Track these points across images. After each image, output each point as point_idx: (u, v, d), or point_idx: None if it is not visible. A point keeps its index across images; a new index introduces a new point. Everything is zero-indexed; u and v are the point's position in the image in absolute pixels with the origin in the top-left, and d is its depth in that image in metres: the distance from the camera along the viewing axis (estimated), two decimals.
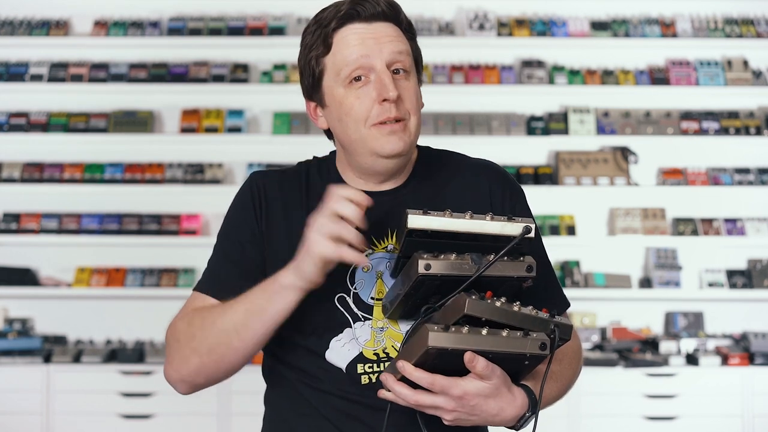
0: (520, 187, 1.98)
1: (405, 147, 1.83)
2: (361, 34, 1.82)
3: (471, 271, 1.67)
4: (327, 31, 1.83)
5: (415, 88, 1.87)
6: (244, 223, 1.88)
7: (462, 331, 1.61)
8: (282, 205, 1.88)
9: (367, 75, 1.82)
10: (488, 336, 1.62)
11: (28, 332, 5.10)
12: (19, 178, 5.21)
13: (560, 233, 5.21)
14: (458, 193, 1.91)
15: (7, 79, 5.25)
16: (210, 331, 1.76)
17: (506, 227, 1.68)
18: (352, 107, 1.82)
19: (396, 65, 1.84)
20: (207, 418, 4.78)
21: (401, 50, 1.85)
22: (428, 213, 1.66)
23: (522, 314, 1.65)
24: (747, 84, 5.27)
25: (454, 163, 1.98)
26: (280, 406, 1.90)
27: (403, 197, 1.89)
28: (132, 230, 5.18)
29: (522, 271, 1.69)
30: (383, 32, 1.84)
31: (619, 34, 5.31)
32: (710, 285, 5.22)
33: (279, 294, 1.71)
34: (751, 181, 5.23)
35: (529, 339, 1.63)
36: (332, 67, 1.83)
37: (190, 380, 1.82)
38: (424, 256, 1.66)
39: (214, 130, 5.24)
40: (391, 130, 1.81)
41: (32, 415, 4.81)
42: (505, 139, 5.25)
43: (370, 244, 1.85)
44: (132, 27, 5.31)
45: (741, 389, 4.82)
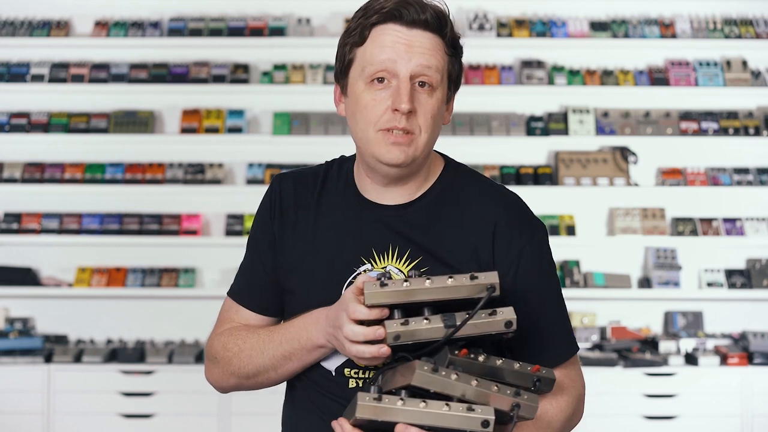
0: (535, 227, 1.89)
1: (405, 160, 1.81)
2: (396, 36, 1.80)
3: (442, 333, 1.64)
4: (367, 23, 1.81)
5: (435, 106, 1.82)
6: (264, 229, 1.94)
7: (396, 403, 1.60)
8: (295, 208, 1.92)
9: (389, 79, 1.80)
10: (425, 410, 1.60)
11: (29, 332, 5.10)
12: (20, 178, 5.21)
13: (560, 233, 5.22)
14: (464, 224, 1.86)
15: (8, 80, 5.26)
16: (248, 362, 1.87)
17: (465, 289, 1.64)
18: (366, 106, 1.81)
19: (421, 78, 1.80)
20: (207, 418, 4.79)
21: (431, 64, 1.80)
22: (385, 285, 1.64)
23: (477, 391, 1.62)
24: (746, 84, 5.27)
25: (473, 188, 1.91)
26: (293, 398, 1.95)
27: (412, 216, 1.87)
28: (133, 230, 5.19)
29: (500, 327, 1.65)
30: (419, 41, 1.80)
31: (618, 35, 5.31)
32: (709, 285, 5.23)
33: (315, 350, 1.81)
34: (750, 181, 5.24)
35: (470, 416, 1.60)
36: (360, 60, 1.82)
37: (230, 390, 1.97)
38: (394, 325, 1.64)
39: (215, 131, 5.25)
40: (396, 141, 1.80)
41: (33, 414, 4.81)
42: (505, 139, 5.26)
43: (371, 260, 1.85)
44: (132, 27, 5.32)
45: (740, 389, 4.83)
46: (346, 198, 1.91)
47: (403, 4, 1.79)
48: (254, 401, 4.70)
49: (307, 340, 1.80)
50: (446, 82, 1.85)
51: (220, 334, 1.93)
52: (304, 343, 1.81)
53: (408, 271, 1.83)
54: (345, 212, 1.89)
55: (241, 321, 1.94)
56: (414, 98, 1.79)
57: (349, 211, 1.89)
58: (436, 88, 1.82)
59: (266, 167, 5.23)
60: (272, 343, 1.84)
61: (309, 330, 1.79)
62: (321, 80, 5.23)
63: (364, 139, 1.83)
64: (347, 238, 1.87)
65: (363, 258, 1.85)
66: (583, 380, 1.94)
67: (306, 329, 1.80)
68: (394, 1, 1.80)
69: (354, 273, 1.84)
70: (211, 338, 1.95)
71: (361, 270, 1.84)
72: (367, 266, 1.84)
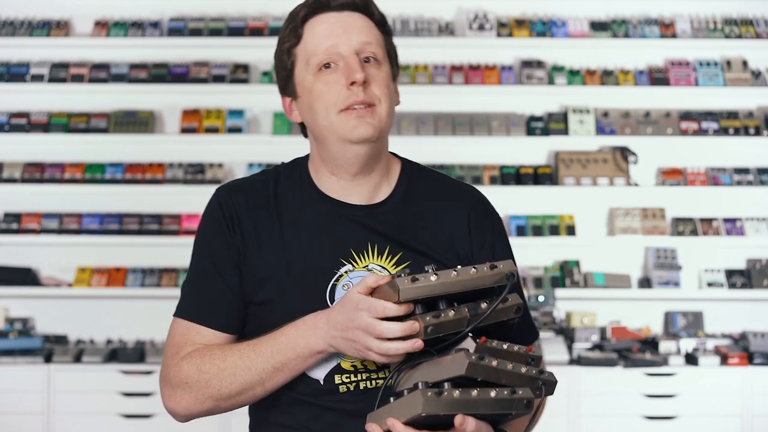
0: (498, 217, 1.98)
1: (373, 132, 1.81)
2: (330, 23, 1.83)
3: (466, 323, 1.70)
4: (297, 22, 1.84)
5: (386, 77, 1.85)
6: (225, 243, 1.85)
7: (454, 395, 1.64)
8: (253, 222, 1.85)
9: (336, 62, 1.82)
10: (478, 399, 1.65)
11: (28, 332, 5.10)
12: (19, 178, 5.21)
13: (560, 233, 5.22)
14: (437, 219, 1.89)
15: (8, 80, 5.26)
16: (229, 381, 1.79)
17: (490, 278, 1.71)
18: (321, 93, 1.81)
19: (365, 54, 1.83)
20: (207, 417, 4.77)
21: (371, 40, 1.84)
22: (416, 279, 1.66)
23: (514, 373, 1.68)
24: (746, 84, 5.27)
25: (436, 184, 1.94)
26: (265, 420, 1.91)
27: (384, 215, 1.87)
28: (132, 230, 5.19)
29: (511, 314, 1.73)
30: (352, 22, 1.84)
31: (618, 35, 5.31)
32: (710, 285, 5.23)
33: (312, 357, 1.77)
34: (750, 181, 5.24)
35: (515, 398, 1.67)
36: (303, 57, 1.84)
37: (198, 416, 1.88)
38: (427, 318, 1.67)
39: (215, 131, 5.25)
40: (359, 115, 1.80)
41: (33, 414, 4.81)
42: (505, 139, 5.26)
43: (350, 260, 1.83)
44: (132, 27, 5.32)
45: (740, 389, 4.82)
46: (309, 200, 1.87)
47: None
48: None
49: (304, 348, 1.75)
50: (387, 59, 1.87)
51: (186, 357, 1.81)
52: (300, 352, 1.75)
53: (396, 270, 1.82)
54: (312, 214, 1.86)
55: (203, 342, 1.83)
56: (366, 74, 1.81)
57: (316, 213, 1.86)
58: (381, 63, 1.85)
59: (266, 167, 5.22)
60: (260, 356, 1.77)
61: (306, 337, 1.74)
62: None
63: (327, 126, 1.82)
64: (321, 240, 1.84)
65: (342, 259, 1.83)
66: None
67: (302, 336, 1.75)
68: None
69: (335, 276, 1.82)
70: (175, 364, 1.82)
71: (343, 271, 1.82)
72: (348, 267, 1.82)
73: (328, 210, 1.86)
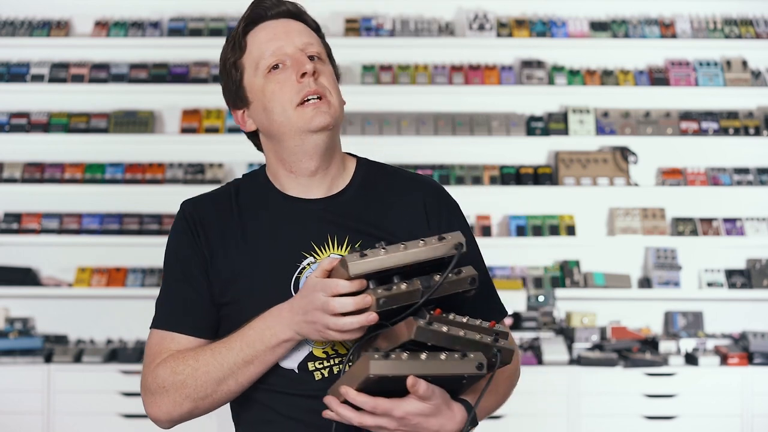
0: (454, 201, 2.02)
1: (330, 120, 1.87)
2: (271, 28, 1.91)
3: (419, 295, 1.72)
4: (239, 35, 1.92)
5: (331, 72, 1.93)
6: (189, 252, 1.93)
7: (401, 357, 1.67)
8: (218, 229, 1.93)
9: (284, 62, 1.89)
10: (427, 361, 1.68)
11: (28, 332, 5.10)
12: (20, 178, 5.22)
13: (560, 233, 5.22)
14: (395, 206, 1.94)
15: (8, 80, 5.26)
16: (204, 379, 1.83)
17: (439, 249, 1.74)
18: (274, 92, 1.88)
19: (309, 52, 1.90)
20: (207, 418, 4.74)
21: (312, 41, 1.92)
22: (365, 255, 1.70)
23: (467, 339, 1.71)
24: (746, 84, 5.27)
25: (391, 176, 2.01)
26: (247, 420, 1.95)
27: (342, 205, 1.92)
28: (133, 230, 5.19)
29: (465, 285, 1.76)
30: (291, 26, 1.92)
31: (618, 35, 5.32)
32: (709, 285, 5.23)
33: (280, 346, 1.81)
34: (750, 181, 5.24)
35: (466, 361, 1.70)
36: (250, 64, 1.91)
37: (180, 420, 1.92)
38: (378, 291, 1.70)
39: (215, 131, 5.25)
40: (315, 106, 1.87)
41: (33, 414, 4.81)
42: (505, 139, 5.26)
43: (312, 253, 1.88)
44: (132, 27, 5.32)
45: (740, 389, 4.83)
46: (269, 201, 1.94)
47: (260, 5, 1.92)
48: None
49: (271, 337, 1.79)
50: (329, 60, 1.95)
51: (161, 363, 1.86)
52: (268, 342, 1.80)
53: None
54: (273, 213, 1.92)
55: (177, 348, 1.88)
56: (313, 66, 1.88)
57: (276, 211, 1.92)
58: (325, 61, 1.93)
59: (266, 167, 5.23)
60: (231, 351, 1.82)
61: (272, 327, 1.79)
62: None
63: (285, 122, 1.88)
64: (282, 236, 1.89)
65: (304, 252, 1.88)
66: (517, 347, 1.97)
67: (268, 327, 1.80)
68: (250, 8, 1.93)
69: (298, 268, 1.87)
70: (151, 371, 1.87)
71: (305, 264, 1.87)
72: (309, 259, 1.87)
73: (288, 207, 1.93)
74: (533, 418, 4.76)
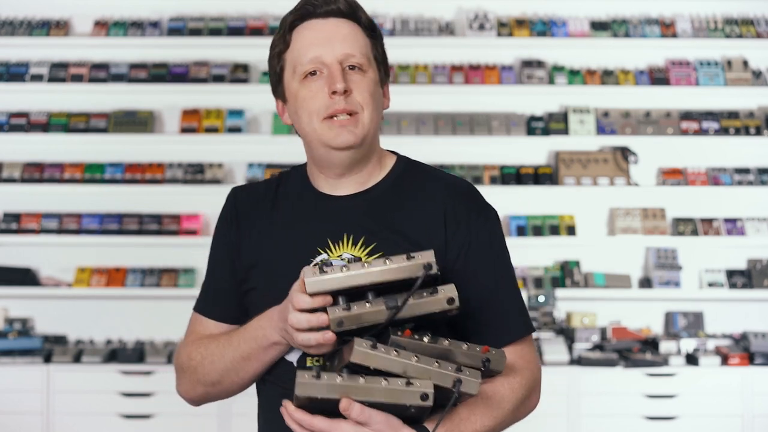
0: (489, 208, 1.95)
1: (355, 140, 1.86)
2: (315, 30, 1.88)
3: (385, 316, 1.65)
4: (285, 28, 1.90)
5: (370, 84, 1.89)
6: (224, 241, 2.00)
7: (335, 380, 1.61)
8: (252, 217, 1.97)
9: (320, 70, 1.87)
10: (365, 385, 1.61)
11: (28, 332, 5.10)
12: (19, 178, 5.21)
13: (560, 233, 5.21)
14: (418, 209, 1.91)
15: (8, 79, 5.25)
16: (211, 368, 1.91)
17: (404, 269, 1.66)
18: (305, 100, 1.87)
19: (350, 61, 1.87)
20: (207, 418, 4.78)
21: (354, 49, 1.88)
22: (324, 272, 1.66)
23: (420, 367, 1.62)
24: (747, 84, 5.27)
25: (424, 178, 1.96)
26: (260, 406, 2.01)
27: (367, 204, 1.92)
28: (132, 230, 5.18)
29: (443, 305, 1.67)
30: (337, 29, 1.88)
31: (619, 35, 5.31)
32: (710, 285, 5.23)
33: (272, 348, 1.84)
34: (750, 181, 5.23)
35: (409, 390, 1.61)
36: (290, 63, 1.90)
37: (200, 401, 2.01)
38: (336, 311, 1.65)
39: (215, 130, 5.25)
40: (341, 124, 1.86)
41: (32, 415, 4.81)
42: (505, 139, 5.25)
43: (326, 249, 1.88)
44: (132, 27, 5.32)
45: (741, 389, 4.82)
46: (301, 194, 1.96)
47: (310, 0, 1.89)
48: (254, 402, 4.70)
49: (263, 338, 1.82)
50: (374, 64, 1.91)
51: (185, 345, 1.98)
52: (260, 342, 1.83)
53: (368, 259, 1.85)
54: (300, 207, 1.94)
55: (204, 332, 1.97)
56: (347, 79, 1.85)
57: (304, 205, 1.94)
58: (366, 70, 1.89)
59: (266, 167, 5.23)
60: (231, 346, 1.87)
61: (263, 328, 1.82)
62: None
63: (311, 132, 1.88)
64: (302, 230, 1.91)
65: (319, 248, 1.89)
66: (538, 364, 1.95)
67: (261, 327, 1.83)
68: (302, 2, 1.90)
69: (311, 263, 1.86)
70: (178, 351, 1.99)
71: (318, 260, 1.88)
72: (323, 256, 1.88)
73: (315, 202, 1.94)
74: (533, 418, 4.72)
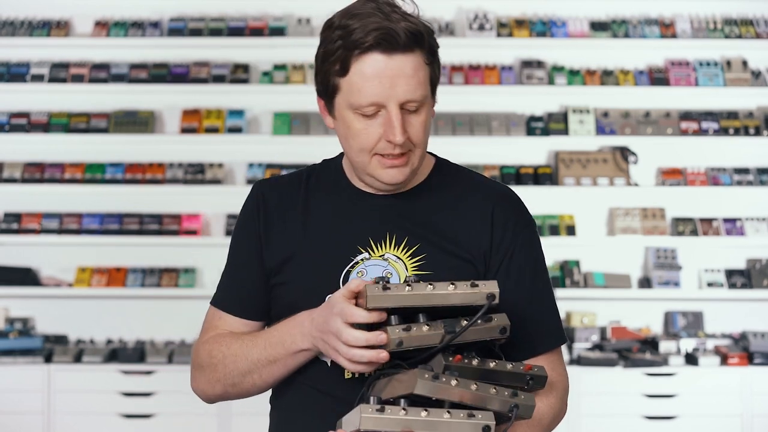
0: (530, 216, 1.93)
1: (403, 179, 1.83)
2: (378, 69, 1.76)
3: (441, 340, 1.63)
4: (348, 54, 1.77)
5: (425, 120, 1.81)
6: (247, 234, 1.92)
7: (398, 414, 1.59)
8: (281, 211, 1.91)
9: (378, 112, 1.78)
10: (428, 419, 1.59)
11: (28, 332, 5.10)
12: (20, 178, 5.21)
13: (560, 233, 5.22)
14: (462, 213, 1.88)
15: (8, 80, 5.26)
16: (233, 368, 1.85)
17: (469, 296, 1.64)
18: (358, 134, 1.79)
19: (410, 106, 1.78)
20: (207, 418, 4.79)
21: (418, 89, 1.78)
22: (387, 288, 1.62)
23: (479, 395, 1.61)
24: (746, 84, 5.27)
25: (466, 181, 1.93)
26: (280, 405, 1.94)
27: (409, 205, 1.88)
28: (133, 230, 5.19)
29: (495, 333, 1.67)
30: (401, 69, 1.77)
31: (618, 35, 5.31)
32: (710, 285, 5.23)
33: (300, 354, 1.79)
34: (750, 181, 5.24)
35: (471, 422, 1.59)
36: (346, 92, 1.79)
37: (216, 399, 1.94)
38: (396, 331, 1.63)
39: (215, 131, 5.25)
40: (392, 165, 1.80)
41: (33, 414, 4.81)
42: (505, 140, 5.26)
43: (368, 249, 1.85)
44: (133, 27, 5.32)
45: (740, 389, 4.83)
46: (337, 190, 1.91)
47: (382, 37, 1.76)
48: (254, 401, 4.70)
49: (291, 344, 1.78)
50: (430, 90, 1.83)
51: (205, 342, 1.92)
52: (288, 347, 1.79)
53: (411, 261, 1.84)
54: (338, 203, 1.89)
55: (225, 328, 1.92)
56: (406, 124, 1.78)
57: (342, 201, 1.89)
58: (423, 104, 1.81)
59: (266, 167, 5.23)
60: (256, 347, 1.83)
61: (293, 334, 1.78)
62: None
63: (359, 162, 1.83)
64: (342, 227, 1.87)
65: (360, 247, 1.85)
66: (567, 374, 1.96)
67: (290, 333, 1.78)
68: (371, 34, 1.76)
69: (351, 262, 1.84)
70: (197, 347, 1.94)
71: (359, 258, 1.84)
72: (364, 255, 1.84)
73: (354, 199, 1.89)
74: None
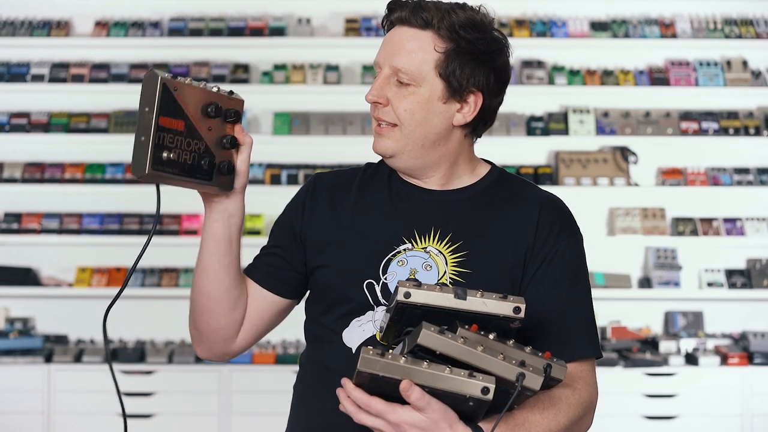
0: (574, 229, 1.96)
1: (386, 150, 1.87)
2: (387, 37, 1.89)
3: (454, 303, 1.65)
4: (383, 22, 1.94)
5: (413, 102, 1.84)
6: (289, 219, 1.99)
7: (399, 360, 1.59)
8: (330, 198, 1.95)
9: (380, 71, 1.89)
10: (426, 370, 1.59)
11: (29, 332, 5.11)
12: (20, 178, 5.22)
13: None
14: (508, 218, 1.90)
15: (9, 80, 5.26)
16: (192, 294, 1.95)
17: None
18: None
19: (398, 76, 1.85)
20: (207, 418, 4.79)
21: (403, 64, 1.83)
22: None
23: (485, 357, 1.61)
24: (746, 84, 5.27)
25: (518, 189, 1.96)
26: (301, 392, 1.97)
27: (456, 203, 1.91)
28: (133, 230, 5.19)
29: (509, 311, 1.65)
30: (398, 41, 1.86)
31: (618, 35, 5.31)
32: (710, 285, 5.23)
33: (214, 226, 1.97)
34: (750, 181, 5.24)
35: (471, 381, 1.59)
36: None
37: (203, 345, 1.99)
38: (406, 284, 1.65)
39: None
40: (377, 132, 1.88)
41: (33, 414, 4.82)
42: (505, 139, 5.26)
43: (412, 240, 1.88)
44: (133, 27, 5.32)
45: (740, 389, 4.83)
46: (389, 184, 1.95)
47: (392, 4, 1.88)
48: (254, 401, 4.70)
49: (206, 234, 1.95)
50: (436, 80, 1.84)
51: None
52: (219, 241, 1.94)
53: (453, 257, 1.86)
54: (389, 194, 1.94)
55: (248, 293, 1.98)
56: (387, 90, 1.85)
57: (392, 194, 1.94)
58: (417, 85, 1.83)
59: (266, 167, 5.23)
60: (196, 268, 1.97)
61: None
62: (321, 80, 5.23)
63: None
64: (390, 217, 1.91)
65: (404, 237, 1.88)
66: (597, 389, 1.95)
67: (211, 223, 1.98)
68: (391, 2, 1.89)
69: (394, 251, 1.87)
70: None
71: (401, 248, 1.87)
72: (407, 245, 1.87)
73: (405, 191, 1.94)
74: None
